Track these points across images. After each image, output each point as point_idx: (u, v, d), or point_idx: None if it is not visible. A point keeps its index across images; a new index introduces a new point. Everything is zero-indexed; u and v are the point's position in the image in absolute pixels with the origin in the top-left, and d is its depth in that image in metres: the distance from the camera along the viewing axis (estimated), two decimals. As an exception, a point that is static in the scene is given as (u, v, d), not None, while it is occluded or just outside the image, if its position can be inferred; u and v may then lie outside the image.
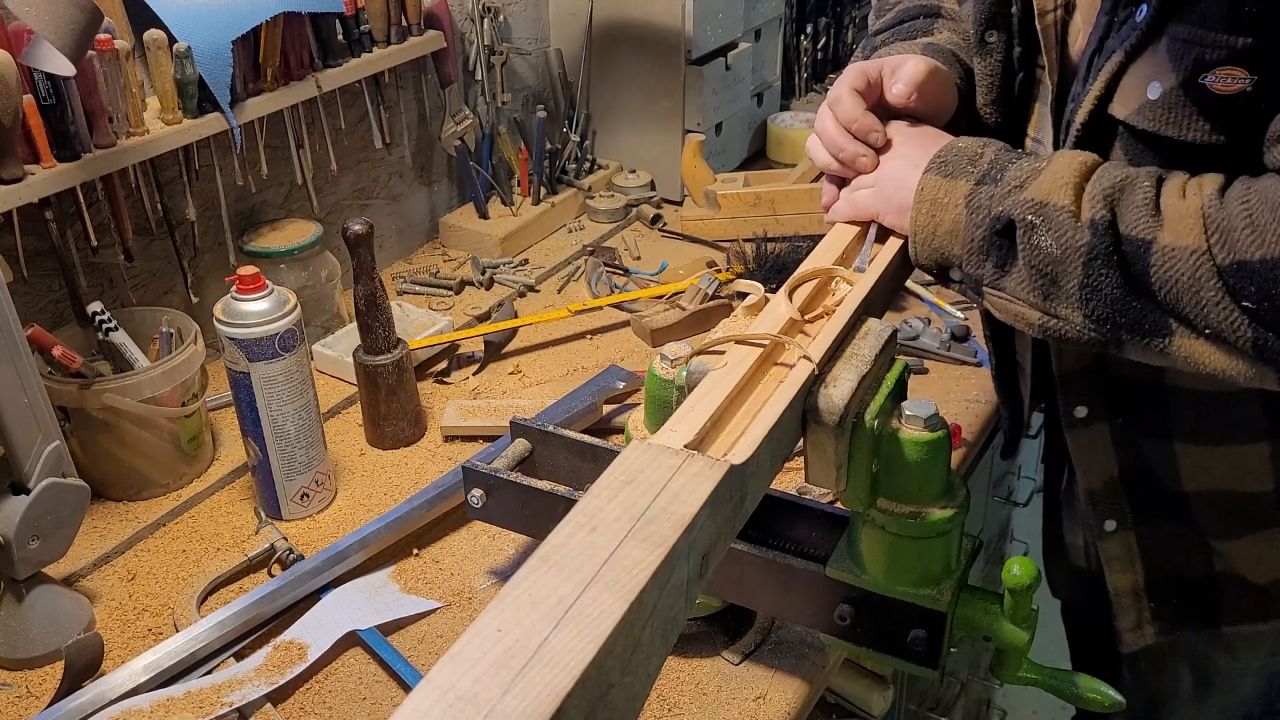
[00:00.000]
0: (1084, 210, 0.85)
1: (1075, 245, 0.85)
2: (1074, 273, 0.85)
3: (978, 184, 0.91)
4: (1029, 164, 0.90)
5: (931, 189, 0.93)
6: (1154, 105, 0.86)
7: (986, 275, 0.91)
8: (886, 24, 1.17)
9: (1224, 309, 0.80)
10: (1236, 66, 0.82)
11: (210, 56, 1.35)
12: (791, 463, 1.13)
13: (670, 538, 0.62)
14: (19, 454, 1.05)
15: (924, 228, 0.94)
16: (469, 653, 0.54)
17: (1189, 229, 0.81)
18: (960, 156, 0.94)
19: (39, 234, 1.29)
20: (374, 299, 1.34)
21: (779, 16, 2.15)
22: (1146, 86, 0.86)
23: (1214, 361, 0.83)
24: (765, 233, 1.80)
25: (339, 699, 1.06)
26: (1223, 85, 0.83)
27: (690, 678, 1.08)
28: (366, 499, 1.32)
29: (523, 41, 1.95)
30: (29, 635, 1.10)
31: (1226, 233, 0.80)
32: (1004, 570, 0.88)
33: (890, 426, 0.88)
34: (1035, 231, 0.86)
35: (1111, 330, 0.86)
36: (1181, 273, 0.81)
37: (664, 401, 0.91)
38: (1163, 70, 0.86)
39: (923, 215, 0.94)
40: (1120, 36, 0.89)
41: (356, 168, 1.72)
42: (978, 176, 0.92)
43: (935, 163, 0.94)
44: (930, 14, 1.15)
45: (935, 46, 1.08)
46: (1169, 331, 0.84)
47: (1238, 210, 0.80)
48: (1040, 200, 0.86)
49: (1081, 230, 0.84)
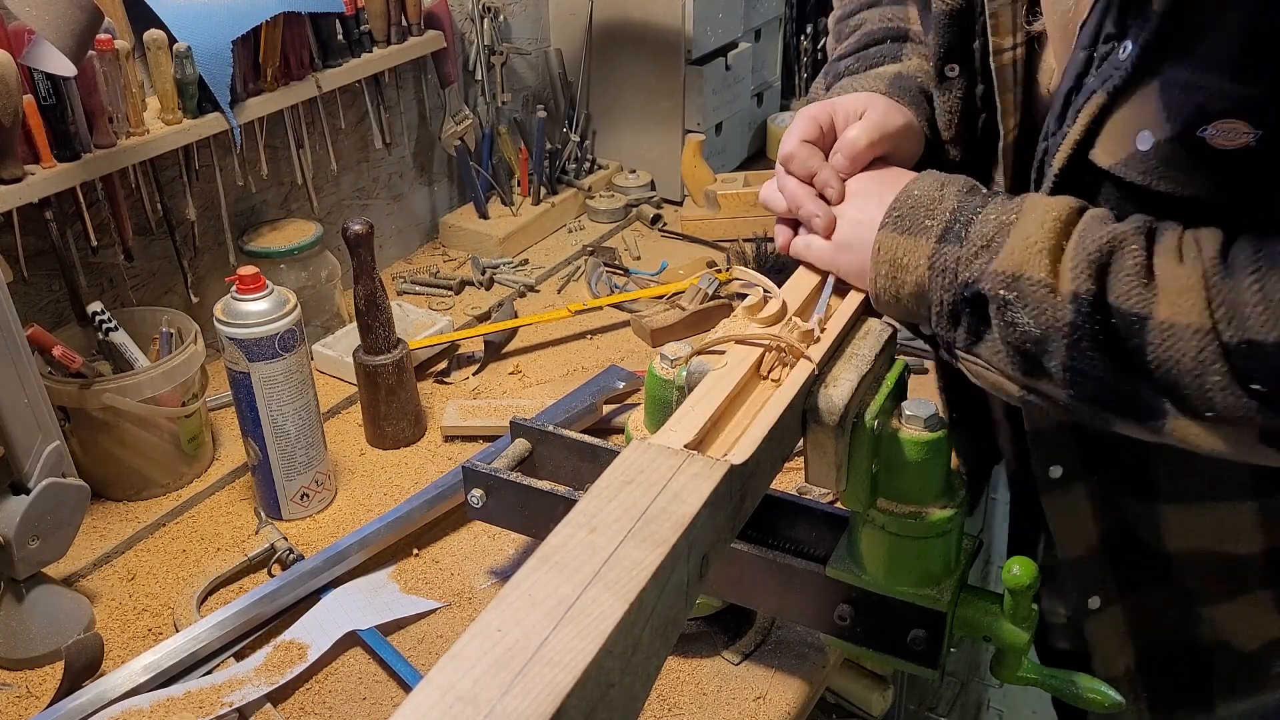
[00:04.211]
0: (1063, 281, 0.76)
1: (1056, 324, 0.76)
2: (1056, 353, 0.77)
3: (940, 241, 0.82)
4: (996, 214, 0.81)
5: (889, 248, 0.85)
6: (1144, 157, 0.76)
7: (959, 341, 0.83)
8: (850, 48, 1.07)
9: (1230, 394, 0.72)
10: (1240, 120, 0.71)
11: (210, 56, 1.35)
12: (791, 463, 1.13)
13: (670, 538, 0.62)
14: (19, 454, 1.05)
15: (886, 290, 0.86)
16: (469, 653, 0.54)
17: (1190, 303, 0.72)
18: (917, 208, 0.84)
19: (39, 234, 1.30)
20: (374, 299, 1.34)
21: (779, 16, 2.15)
22: (1135, 135, 0.77)
23: (1212, 444, 0.75)
24: (765, 233, 1.80)
25: (339, 699, 1.06)
26: (1224, 139, 0.72)
27: (690, 678, 1.08)
28: (366, 499, 1.33)
29: (523, 41, 1.95)
30: (29, 635, 1.10)
31: (1235, 308, 0.71)
32: (1004, 570, 0.88)
33: (890, 426, 0.88)
34: (1010, 309, 0.78)
35: (1100, 410, 0.79)
36: (1183, 353, 0.73)
37: (664, 401, 0.91)
38: (1155, 119, 0.75)
39: (883, 277, 0.85)
40: (1101, 75, 0.79)
41: (356, 168, 1.72)
42: (939, 232, 0.82)
43: (891, 217, 0.85)
44: (898, 37, 1.05)
45: (902, 80, 0.98)
46: (1164, 414, 0.76)
47: (1248, 282, 0.71)
48: (1013, 273, 0.77)
49: (1063, 307, 0.76)
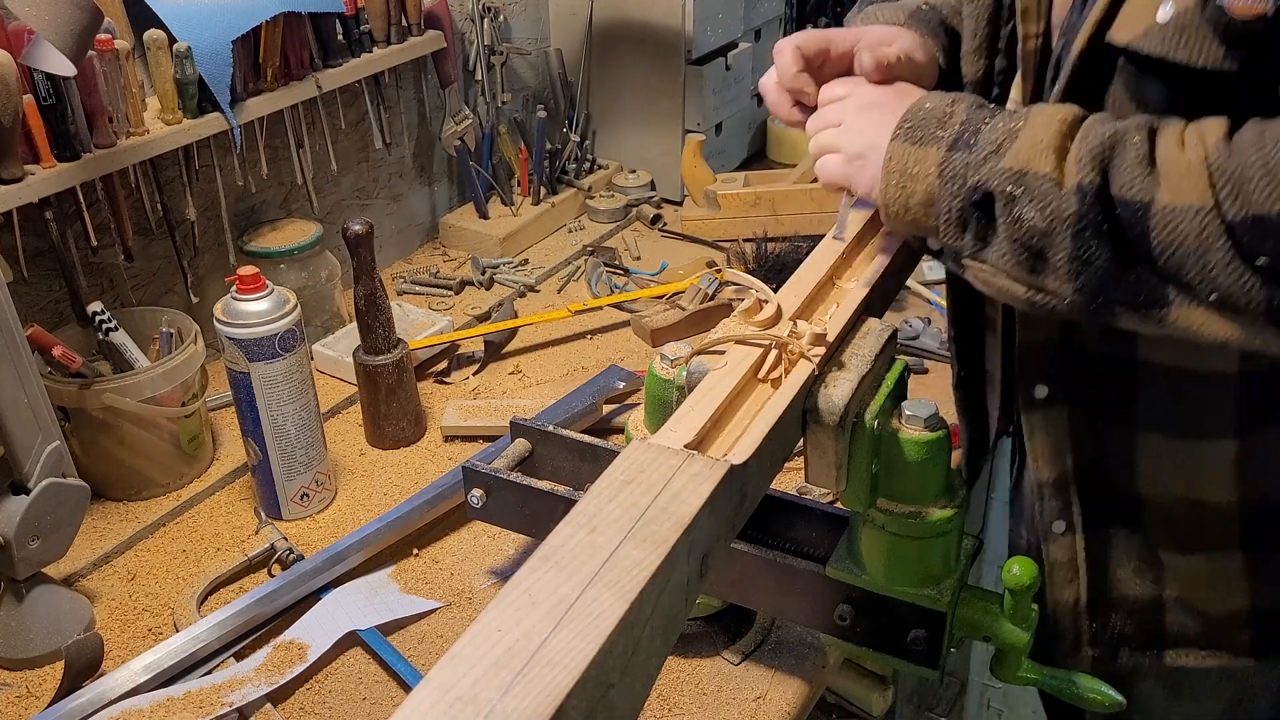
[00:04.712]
0: (1068, 175, 0.79)
1: (1061, 215, 0.78)
2: (1062, 245, 0.79)
3: (950, 150, 0.84)
4: (1004, 123, 0.83)
5: (900, 158, 0.87)
6: (1163, 28, 0.78)
7: (966, 248, 0.85)
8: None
9: (1233, 270, 0.74)
10: None
11: (210, 56, 1.35)
12: (791, 463, 1.13)
13: (670, 538, 0.62)
14: (19, 454, 1.05)
15: (895, 200, 0.87)
16: (469, 653, 0.54)
17: (1191, 185, 0.75)
18: (929, 119, 0.86)
19: (39, 234, 1.29)
20: (374, 299, 1.34)
21: (779, 16, 2.15)
22: (1156, 8, 0.78)
23: (1215, 330, 0.77)
24: (765, 233, 1.80)
25: (339, 699, 1.06)
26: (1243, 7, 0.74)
27: (690, 678, 1.08)
28: (366, 499, 1.33)
29: (523, 41, 1.95)
30: (29, 635, 1.10)
31: (1239, 184, 0.73)
32: (1004, 570, 0.88)
33: (890, 426, 0.88)
34: (1016, 203, 0.80)
35: (1104, 303, 0.80)
36: (1185, 234, 0.75)
37: (664, 401, 0.91)
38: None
39: (893, 187, 0.87)
40: None
41: (356, 168, 1.72)
42: (949, 141, 0.85)
43: (903, 128, 0.87)
44: None
45: (922, 14, 1.02)
46: (1167, 301, 0.78)
47: (1253, 159, 0.73)
48: (1019, 169, 0.80)
49: (1067, 198, 0.78)
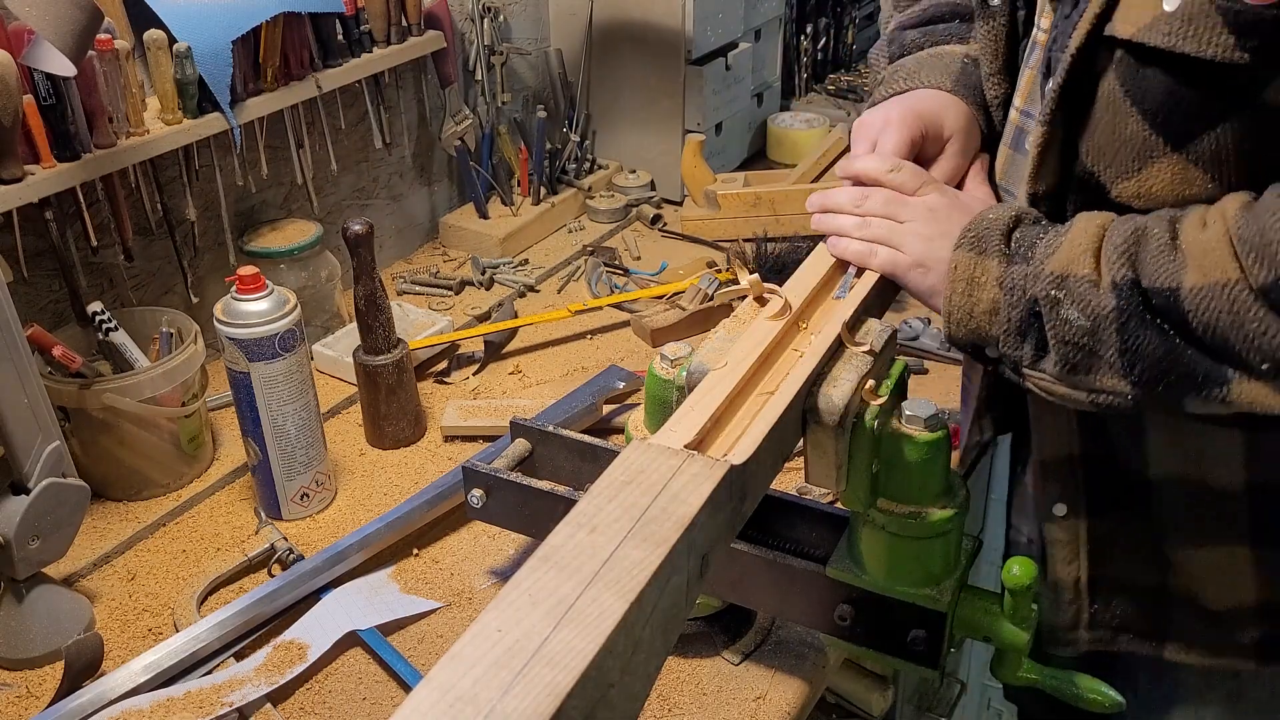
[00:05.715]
0: (1104, 275, 0.81)
1: (1103, 312, 0.80)
2: (1109, 341, 0.81)
3: (1010, 263, 0.87)
4: (1054, 233, 0.86)
5: (965, 267, 0.89)
6: (1170, 17, 0.77)
7: (1025, 357, 0.87)
8: (915, 20, 1.12)
9: (1274, 334, 0.75)
10: None
11: (210, 56, 1.35)
12: (791, 463, 1.13)
13: (670, 538, 0.62)
14: (19, 454, 1.05)
15: (960, 307, 0.90)
16: (469, 653, 0.54)
17: (1216, 261, 0.76)
18: (991, 231, 0.89)
19: (39, 234, 1.29)
20: (374, 299, 1.34)
21: (779, 16, 2.15)
22: None
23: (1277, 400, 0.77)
24: (765, 233, 1.80)
25: (339, 699, 1.06)
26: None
27: (690, 678, 1.08)
28: (366, 499, 1.32)
29: (523, 41, 1.95)
30: (29, 635, 1.10)
31: (1262, 249, 0.74)
32: (1004, 570, 0.88)
33: (890, 426, 0.88)
34: (1060, 306, 0.83)
35: (1164, 391, 0.81)
36: (1219, 310, 0.76)
37: (664, 401, 0.91)
38: None
39: (958, 295, 0.90)
40: None
41: (356, 168, 1.72)
42: (1010, 254, 0.87)
43: (968, 238, 0.90)
44: (963, 16, 1.10)
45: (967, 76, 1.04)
46: (1226, 380, 0.78)
47: (1274, 221, 0.73)
48: (1061, 273, 0.83)
49: (1105, 295, 0.80)
